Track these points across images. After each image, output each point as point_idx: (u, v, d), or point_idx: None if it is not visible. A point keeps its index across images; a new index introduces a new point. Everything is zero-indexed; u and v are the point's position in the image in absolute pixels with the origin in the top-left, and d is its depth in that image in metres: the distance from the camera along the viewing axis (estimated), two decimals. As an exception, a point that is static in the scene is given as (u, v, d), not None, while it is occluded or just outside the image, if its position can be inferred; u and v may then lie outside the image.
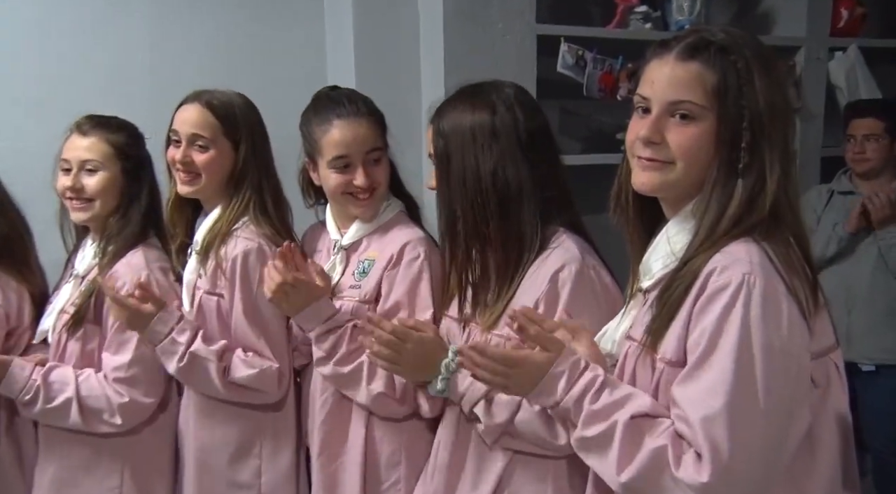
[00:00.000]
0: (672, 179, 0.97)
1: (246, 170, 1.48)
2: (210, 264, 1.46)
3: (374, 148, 1.42)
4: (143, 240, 1.53)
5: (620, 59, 2.27)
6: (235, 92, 1.53)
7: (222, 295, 1.46)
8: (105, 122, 1.54)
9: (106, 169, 1.50)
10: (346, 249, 1.47)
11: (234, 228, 1.47)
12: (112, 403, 1.45)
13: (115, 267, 1.48)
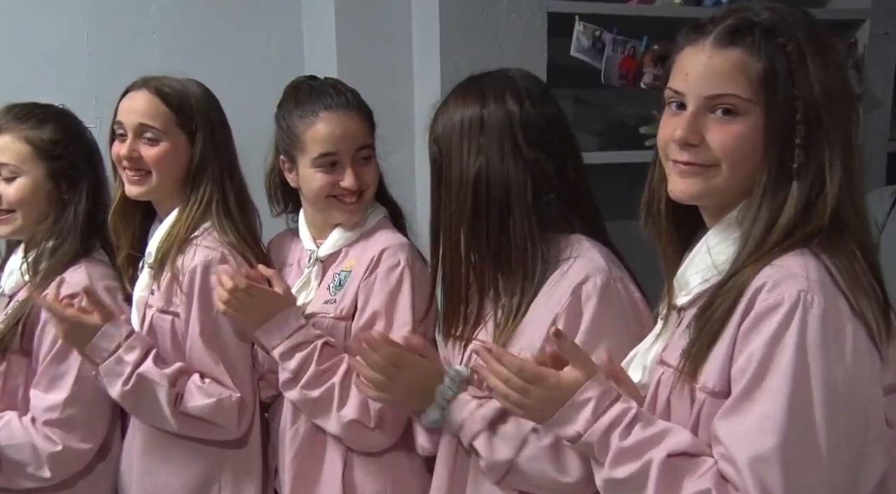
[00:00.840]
0: (715, 185, 0.94)
1: (204, 165, 1.44)
2: (165, 278, 1.42)
3: (365, 145, 1.41)
4: (85, 255, 1.48)
5: (645, 40, 2.25)
6: (190, 78, 1.50)
7: (178, 314, 1.43)
8: (24, 115, 1.47)
9: (25, 174, 1.45)
10: (322, 261, 1.45)
11: (194, 236, 1.43)
12: (40, 453, 1.40)
13: (48, 288, 1.43)
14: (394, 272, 1.36)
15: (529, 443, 1.12)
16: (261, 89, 1.96)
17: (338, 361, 1.36)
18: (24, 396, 1.45)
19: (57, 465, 1.41)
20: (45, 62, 1.99)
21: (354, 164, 1.39)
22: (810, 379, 0.85)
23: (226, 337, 1.43)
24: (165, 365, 1.41)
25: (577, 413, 0.97)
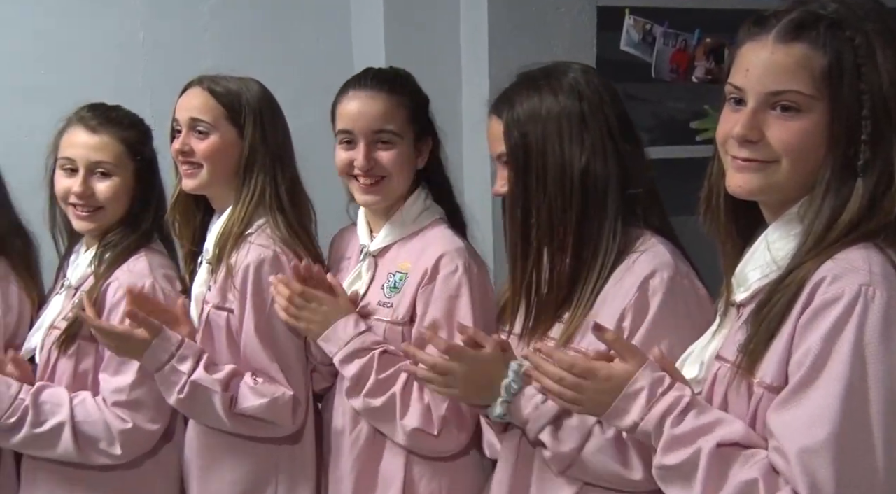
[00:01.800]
0: (775, 181, 0.94)
1: (254, 158, 1.47)
2: (221, 274, 1.46)
3: (385, 130, 1.40)
4: (145, 245, 1.53)
5: (697, 32, 2.23)
6: (246, 77, 1.54)
7: (232, 311, 1.45)
8: (115, 117, 1.53)
9: (119, 173, 1.51)
10: (374, 256, 1.46)
11: (248, 232, 1.46)
12: (111, 430, 1.44)
13: (114, 274, 1.49)
14: (452, 279, 1.36)
15: (594, 436, 1.12)
16: (308, 87, 2.01)
17: (398, 369, 1.35)
18: (94, 380, 1.50)
19: (127, 442, 1.45)
20: (101, 62, 2.05)
21: (369, 145, 1.40)
22: (867, 373, 0.84)
23: (280, 334, 1.45)
24: (217, 369, 1.44)
25: (630, 404, 0.98)
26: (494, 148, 1.25)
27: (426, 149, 1.46)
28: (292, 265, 1.38)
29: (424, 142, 1.46)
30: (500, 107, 1.23)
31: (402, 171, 1.43)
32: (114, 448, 1.45)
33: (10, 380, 1.46)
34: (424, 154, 1.46)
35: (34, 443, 1.45)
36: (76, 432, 1.44)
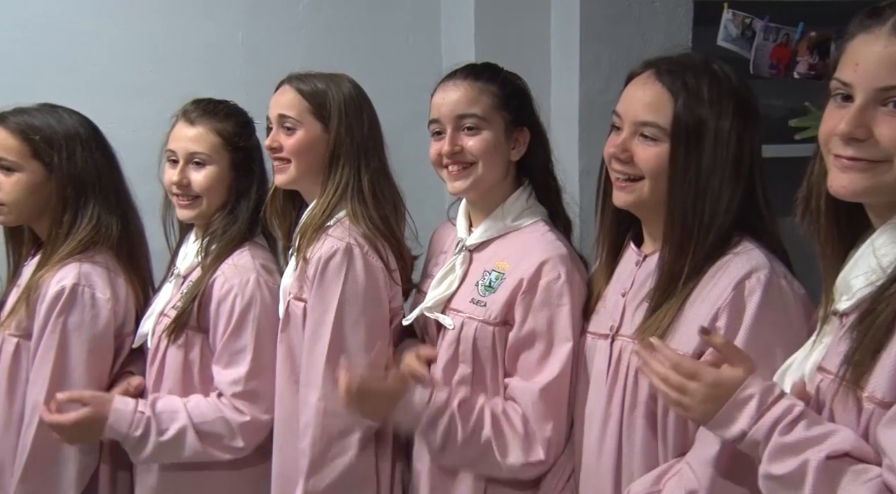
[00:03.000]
0: (883, 182, 0.90)
1: (339, 152, 1.49)
2: (299, 263, 1.48)
3: (469, 114, 1.38)
4: (248, 239, 1.58)
5: (801, 26, 2.12)
6: (336, 72, 1.56)
7: (307, 301, 1.47)
8: (213, 109, 1.59)
9: (214, 162, 1.56)
10: (470, 251, 1.45)
11: (328, 224, 1.48)
12: (231, 425, 1.49)
13: (220, 268, 1.54)
14: (554, 287, 1.33)
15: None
16: (397, 85, 2.04)
17: (480, 412, 1.33)
18: (202, 370, 1.55)
19: (248, 434, 1.51)
20: (202, 61, 2.14)
21: (454, 131, 1.39)
22: None
23: (346, 333, 1.45)
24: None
25: (740, 411, 0.95)
26: (640, 112, 1.19)
27: (522, 140, 1.43)
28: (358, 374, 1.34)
29: (518, 132, 1.42)
30: (674, 78, 1.18)
31: (490, 158, 1.40)
32: (236, 441, 1.50)
33: (125, 398, 1.51)
34: (520, 145, 1.43)
35: (163, 452, 1.50)
36: (199, 433, 1.49)
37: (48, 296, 1.48)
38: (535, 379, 1.33)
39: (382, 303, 1.48)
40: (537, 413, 1.32)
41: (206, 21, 2.15)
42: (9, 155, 1.52)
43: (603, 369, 1.27)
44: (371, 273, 1.45)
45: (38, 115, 1.56)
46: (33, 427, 1.45)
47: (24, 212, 1.57)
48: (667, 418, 1.16)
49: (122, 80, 2.12)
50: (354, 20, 2.18)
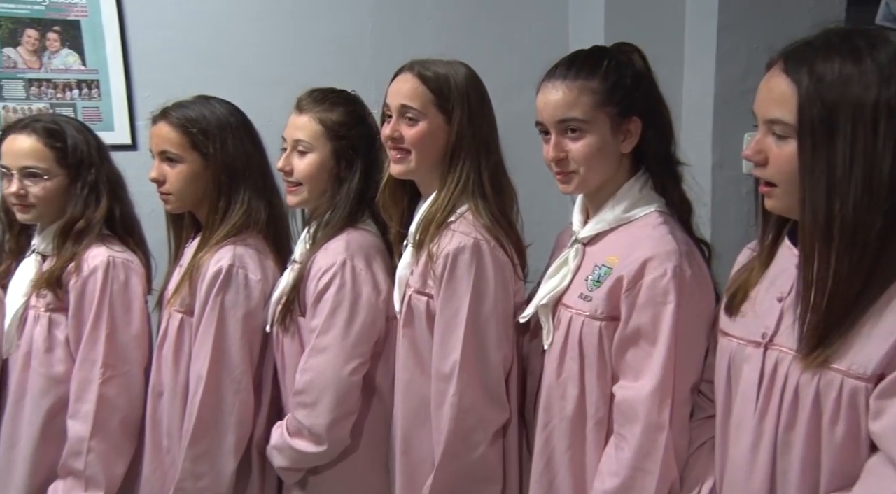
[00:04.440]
0: None
1: (461, 145, 1.46)
2: (422, 259, 1.46)
3: (569, 118, 1.31)
4: (351, 225, 1.57)
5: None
6: (459, 61, 1.52)
7: (432, 296, 1.46)
8: (322, 98, 1.59)
9: (315, 150, 1.56)
10: (583, 244, 1.39)
11: (451, 220, 1.46)
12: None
13: (317, 254, 1.54)
14: (658, 284, 1.25)
15: None
16: (522, 73, 1.98)
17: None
18: (300, 352, 1.56)
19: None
20: (332, 53, 2.18)
21: (558, 136, 1.33)
22: None
23: (466, 327, 1.41)
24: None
25: None
26: (768, 108, 1.06)
27: (634, 130, 1.33)
28: None
29: (628, 123, 1.33)
30: (798, 65, 1.03)
31: (595, 160, 1.33)
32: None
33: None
34: (632, 136, 1.34)
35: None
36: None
37: (207, 276, 1.55)
38: (641, 381, 1.27)
39: (511, 298, 1.45)
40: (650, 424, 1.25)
41: (337, 13, 2.19)
42: (172, 147, 1.59)
43: (753, 379, 1.15)
44: (499, 268, 1.43)
45: (194, 107, 1.62)
46: (198, 396, 1.53)
47: (188, 200, 1.64)
48: (833, 440, 1.04)
49: (258, 72, 2.21)
50: (480, 9, 2.16)
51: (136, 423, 1.64)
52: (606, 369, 1.33)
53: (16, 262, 1.71)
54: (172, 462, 1.60)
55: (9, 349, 1.64)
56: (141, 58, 2.25)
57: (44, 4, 2.20)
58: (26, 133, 1.63)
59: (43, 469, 1.61)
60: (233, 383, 1.55)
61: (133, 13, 2.22)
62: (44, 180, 1.63)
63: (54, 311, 1.63)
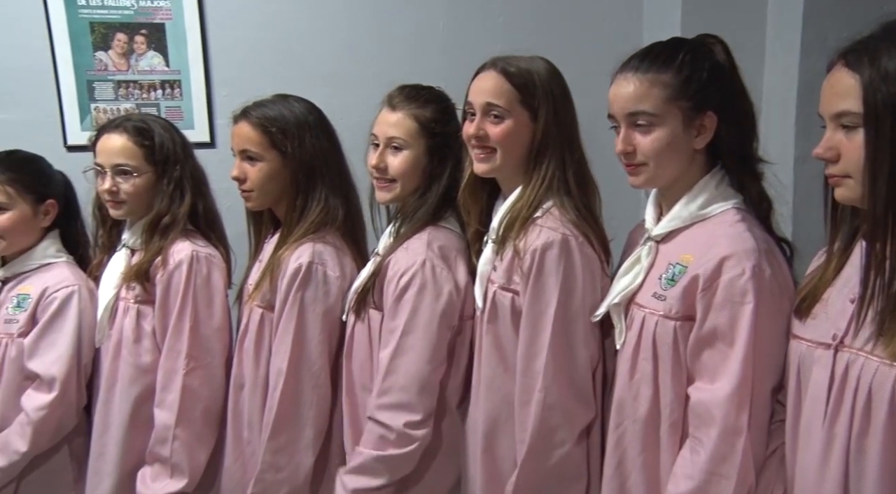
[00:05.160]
0: None
1: (546, 142, 1.44)
2: (507, 254, 1.44)
3: (638, 112, 1.28)
4: (434, 222, 1.58)
5: None
6: (539, 57, 1.50)
7: (517, 293, 1.44)
8: (415, 95, 1.59)
9: (410, 147, 1.56)
10: (656, 241, 1.36)
11: (536, 216, 1.44)
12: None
13: (398, 249, 1.55)
14: (736, 284, 1.21)
15: None
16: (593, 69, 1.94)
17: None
18: (368, 340, 1.58)
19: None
20: (404, 49, 2.19)
21: (627, 129, 1.30)
22: None
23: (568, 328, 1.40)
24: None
25: None
26: (834, 103, 1.06)
27: (708, 125, 1.29)
28: None
29: (702, 117, 1.29)
30: (859, 57, 1.03)
31: (665, 155, 1.29)
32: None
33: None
34: (706, 131, 1.30)
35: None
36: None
37: (288, 273, 1.58)
38: (718, 383, 1.23)
39: (598, 294, 1.43)
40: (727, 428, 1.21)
41: (409, 12, 2.20)
42: (252, 146, 1.63)
43: (823, 382, 1.12)
44: (588, 263, 1.41)
45: (274, 107, 1.65)
46: (279, 390, 1.56)
47: (268, 198, 1.67)
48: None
49: (331, 70, 2.23)
50: (552, 5, 2.13)
51: (218, 413, 1.69)
52: (681, 370, 1.29)
53: (108, 256, 1.77)
54: (252, 454, 1.63)
55: (101, 338, 1.71)
56: (220, 57, 2.32)
57: (132, 9, 2.29)
58: (118, 132, 1.69)
59: (132, 455, 1.68)
60: (312, 378, 1.58)
61: (213, 14, 2.29)
62: (133, 177, 1.69)
63: (142, 303, 1.69)
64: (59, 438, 1.69)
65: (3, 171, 1.69)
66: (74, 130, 2.30)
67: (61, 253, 1.78)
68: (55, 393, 1.64)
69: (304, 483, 1.59)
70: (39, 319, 1.69)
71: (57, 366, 1.66)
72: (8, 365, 1.67)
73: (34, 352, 1.67)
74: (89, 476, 1.70)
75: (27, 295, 1.69)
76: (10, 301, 1.70)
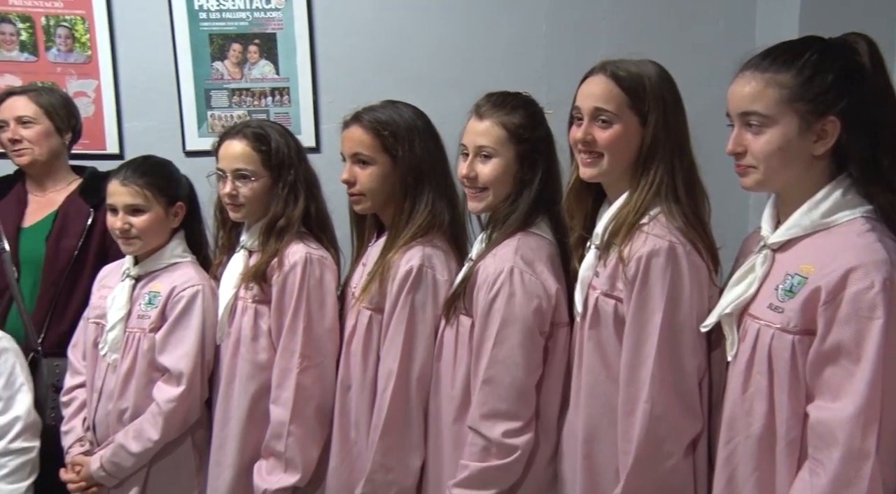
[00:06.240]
0: None
1: (655, 148, 1.41)
2: (610, 261, 1.42)
3: (750, 112, 1.23)
4: (524, 228, 1.56)
5: None
6: (650, 60, 1.47)
7: (620, 300, 1.41)
8: (501, 102, 1.59)
9: (500, 155, 1.55)
10: (773, 249, 1.30)
11: (642, 222, 1.40)
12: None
13: (487, 255, 1.54)
14: (864, 297, 1.14)
15: None
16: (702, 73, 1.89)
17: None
18: (455, 343, 1.57)
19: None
20: (505, 54, 2.19)
21: (739, 129, 1.26)
22: None
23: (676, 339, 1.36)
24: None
25: None
26: None
27: (831, 131, 1.22)
28: None
29: (823, 122, 1.22)
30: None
31: (777, 160, 1.23)
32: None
33: None
34: (828, 136, 1.23)
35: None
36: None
37: (398, 276, 1.60)
38: (841, 402, 1.17)
39: (706, 304, 1.39)
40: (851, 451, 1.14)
41: (511, 16, 2.19)
42: (364, 150, 1.66)
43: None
44: (695, 272, 1.38)
45: (384, 111, 1.68)
46: (388, 391, 1.59)
47: (377, 200, 1.70)
48: None
49: (433, 75, 2.26)
50: (660, 7, 2.08)
51: (329, 412, 1.72)
52: (799, 386, 1.23)
53: (227, 257, 1.84)
54: (359, 454, 1.66)
55: (221, 336, 1.79)
56: (326, 65, 2.38)
57: (247, 20, 2.38)
58: (238, 138, 1.75)
59: (250, 447, 1.73)
60: (420, 380, 1.60)
61: (322, 23, 2.35)
62: (251, 181, 1.75)
63: (259, 303, 1.75)
64: (186, 429, 1.78)
65: (141, 175, 1.78)
66: (192, 136, 2.42)
67: (187, 254, 1.86)
68: (183, 386, 1.73)
69: (412, 484, 1.61)
70: (168, 316, 1.77)
71: (184, 362, 1.74)
72: (140, 358, 1.77)
73: (164, 347, 1.76)
74: (211, 467, 1.77)
75: (157, 292, 1.79)
76: (142, 297, 1.80)
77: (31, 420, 1.79)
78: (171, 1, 2.33)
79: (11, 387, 1.78)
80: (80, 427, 1.83)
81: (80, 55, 2.37)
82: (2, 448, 1.75)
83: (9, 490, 1.74)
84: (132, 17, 2.33)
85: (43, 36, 2.35)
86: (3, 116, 2.02)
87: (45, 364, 1.95)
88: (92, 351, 1.84)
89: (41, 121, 2.02)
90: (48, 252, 1.99)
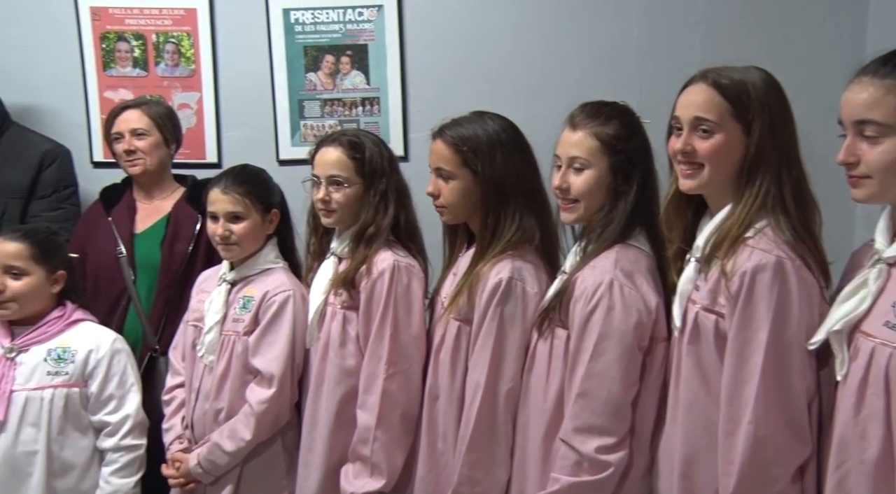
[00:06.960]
0: None
1: (760, 158, 1.35)
2: (712, 275, 1.36)
3: (867, 120, 1.16)
4: (622, 240, 1.52)
5: None
6: (755, 67, 1.40)
7: (722, 315, 1.35)
8: (595, 113, 1.55)
9: (592, 167, 1.51)
10: (889, 264, 1.21)
11: (747, 236, 1.34)
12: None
13: (584, 268, 1.51)
14: None
15: None
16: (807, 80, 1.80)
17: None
18: (549, 356, 1.54)
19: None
20: (596, 60, 2.14)
21: (853, 138, 1.19)
22: None
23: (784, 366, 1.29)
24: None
25: None
26: None
27: None
28: None
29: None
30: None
31: (893, 172, 1.17)
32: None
33: None
34: None
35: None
36: None
37: (487, 288, 1.59)
38: None
39: (816, 322, 1.31)
40: None
41: (603, 22, 2.15)
42: (445, 165, 1.66)
43: None
44: (805, 289, 1.30)
45: (469, 126, 1.67)
46: (476, 404, 1.57)
47: (460, 213, 1.70)
48: None
49: (523, 83, 2.23)
50: (759, 10, 1.99)
51: (414, 419, 1.72)
52: None
53: (318, 263, 1.88)
54: (445, 466, 1.65)
55: (310, 340, 1.81)
56: (416, 75, 2.40)
57: (340, 32, 2.43)
58: (334, 146, 1.79)
59: (337, 450, 1.75)
60: (508, 393, 1.57)
61: (412, 34, 2.37)
62: (344, 188, 1.77)
63: (348, 309, 1.77)
64: (276, 430, 1.81)
65: (241, 184, 1.83)
66: (286, 146, 2.48)
67: (279, 260, 1.90)
68: (274, 389, 1.76)
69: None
70: (261, 320, 1.81)
71: (276, 365, 1.77)
72: (235, 360, 1.82)
73: (256, 350, 1.80)
74: (300, 468, 1.79)
75: (251, 297, 1.83)
76: (237, 302, 1.84)
77: (139, 419, 1.86)
78: (269, 15, 2.40)
79: (123, 387, 1.85)
80: (180, 425, 1.89)
81: (185, 69, 2.47)
82: (114, 444, 1.82)
83: (119, 483, 1.81)
84: (233, 31, 2.41)
85: (153, 52, 2.47)
86: (118, 129, 2.13)
87: (162, 362, 2.03)
88: (190, 353, 1.90)
89: (153, 132, 2.12)
90: (163, 256, 2.08)
